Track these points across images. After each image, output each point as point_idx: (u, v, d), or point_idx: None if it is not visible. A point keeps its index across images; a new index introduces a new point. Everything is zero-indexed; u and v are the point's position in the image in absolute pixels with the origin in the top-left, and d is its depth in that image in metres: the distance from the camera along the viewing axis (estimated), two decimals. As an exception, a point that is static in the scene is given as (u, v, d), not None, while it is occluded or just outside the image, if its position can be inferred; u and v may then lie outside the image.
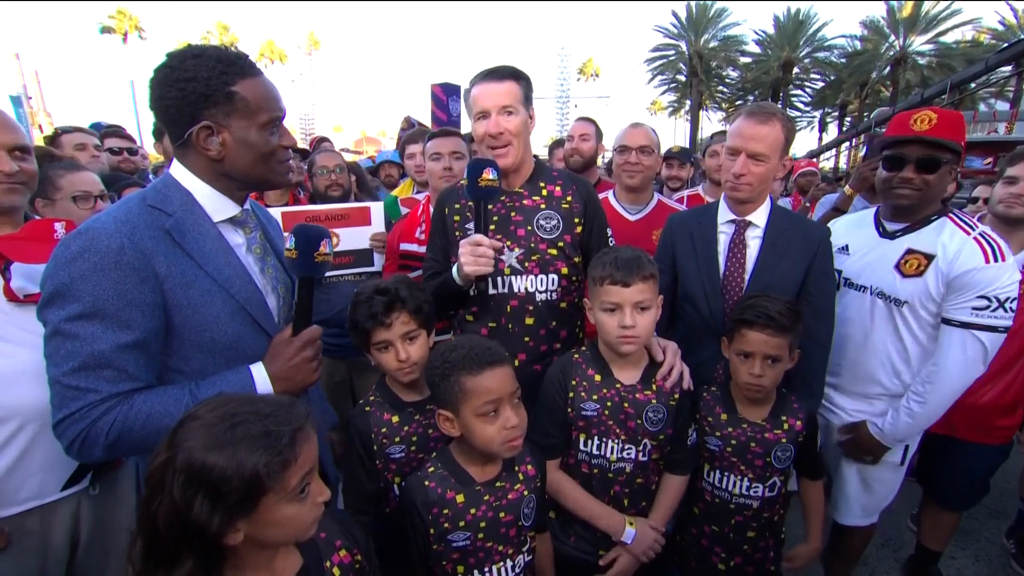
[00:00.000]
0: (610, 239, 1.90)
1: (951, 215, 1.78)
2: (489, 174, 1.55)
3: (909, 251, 1.77)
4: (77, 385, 1.01)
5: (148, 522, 0.76)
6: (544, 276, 1.74)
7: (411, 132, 3.55)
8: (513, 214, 1.76)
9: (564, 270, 1.76)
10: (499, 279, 1.74)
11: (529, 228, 1.74)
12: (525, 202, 1.77)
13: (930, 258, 1.72)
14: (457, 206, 1.80)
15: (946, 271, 1.68)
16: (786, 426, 1.60)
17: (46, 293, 1.03)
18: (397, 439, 1.46)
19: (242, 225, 1.28)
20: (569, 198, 1.79)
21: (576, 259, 1.79)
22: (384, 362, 1.46)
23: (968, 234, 1.71)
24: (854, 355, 1.89)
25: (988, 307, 1.64)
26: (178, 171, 1.19)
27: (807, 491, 1.74)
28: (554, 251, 1.74)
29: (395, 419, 1.47)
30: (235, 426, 0.79)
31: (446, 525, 1.26)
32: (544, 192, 1.79)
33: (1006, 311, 1.63)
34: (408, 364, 1.44)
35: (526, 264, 1.73)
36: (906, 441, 1.86)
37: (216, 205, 1.21)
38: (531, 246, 1.73)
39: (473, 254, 1.55)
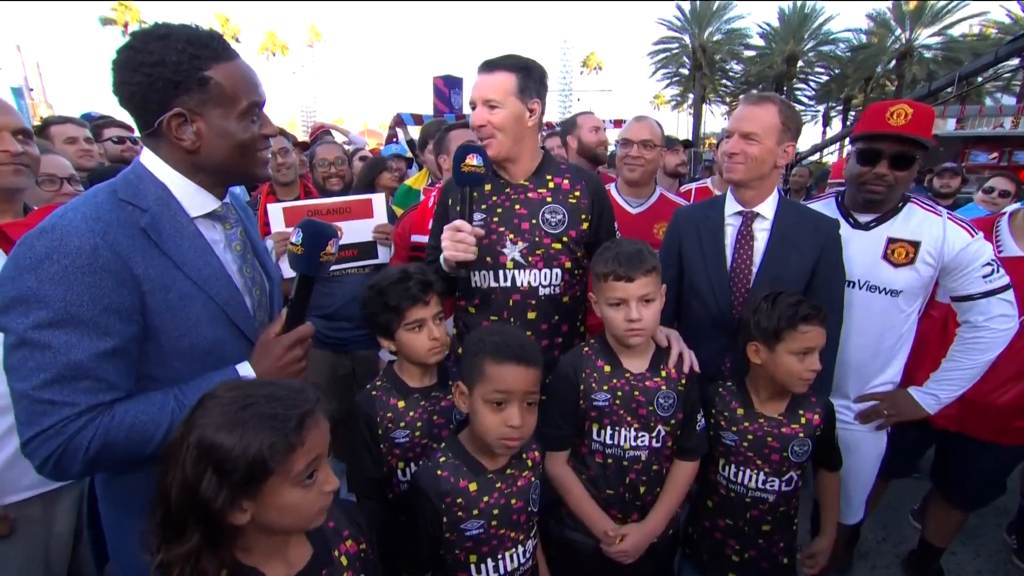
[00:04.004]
0: (616, 232, 1.90)
1: (914, 200, 1.86)
2: (473, 160, 1.55)
3: (892, 240, 1.82)
4: (51, 399, 0.92)
5: (162, 495, 0.79)
6: (548, 271, 1.73)
7: (428, 124, 3.57)
8: (518, 207, 1.74)
9: (567, 264, 1.75)
10: (501, 273, 1.73)
11: (534, 222, 1.72)
12: (530, 195, 1.75)
13: (915, 245, 1.78)
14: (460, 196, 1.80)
15: (938, 255, 1.76)
16: (803, 420, 1.60)
17: (5, 298, 0.92)
18: (402, 424, 1.47)
19: (222, 220, 1.19)
20: (577, 193, 1.77)
21: (579, 253, 1.78)
22: (414, 343, 1.46)
23: (940, 216, 1.80)
24: (841, 350, 1.87)
25: (993, 271, 1.76)
26: (150, 161, 1.08)
27: (824, 482, 1.74)
28: (558, 245, 1.73)
29: (401, 404, 1.48)
30: (246, 407, 0.80)
31: (460, 514, 1.26)
32: (551, 185, 1.77)
33: (1001, 271, 1.78)
34: (440, 343, 1.47)
35: (530, 258, 1.72)
36: (941, 404, 1.89)
37: (193, 199, 1.11)
38: (535, 240, 1.72)
39: (453, 239, 1.56)
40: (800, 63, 35.89)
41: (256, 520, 0.81)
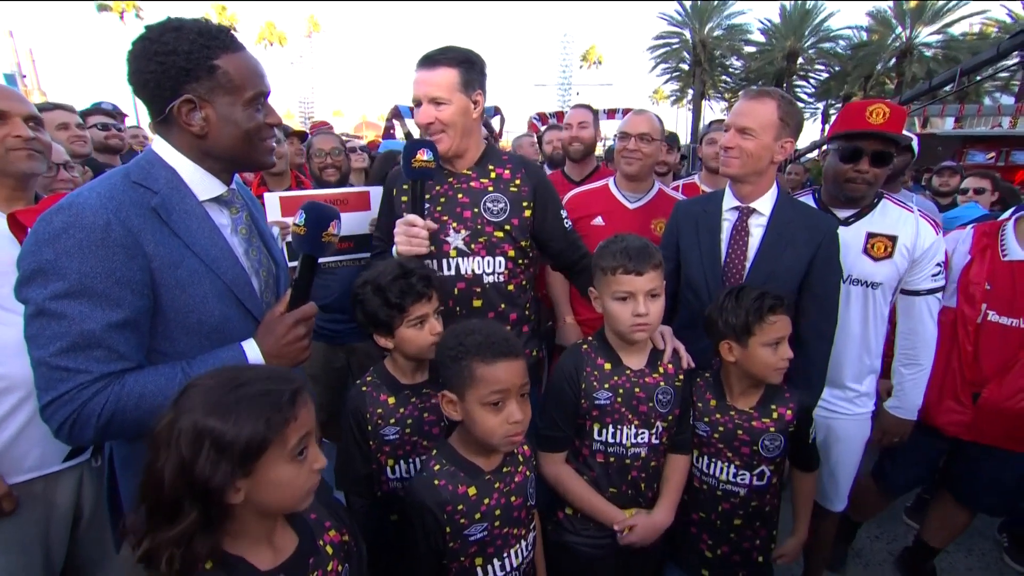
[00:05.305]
0: (565, 221, 1.91)
1: (887, 196, 1.94)
2: (423, 155, 1.56)
3: (871, 235, 1.88)
4: (66, 366, 0.98)
5: (153, 481, 0.78)
6: (491, 258, 1.75)
7: None
8: (460, 196, 1.76)
9: (511, 253, 1.77)
10: (445, 261, 1.74)
11: (476, 210, 1.74)
12: (472, 184, 1.77)
13: (893, 239, 1.86)
14: (405, 187, 1.78)
15: (911, 249, 1.85)
16: (775, 415, 1.60)
17: (26, 270, 0.99)
18: (392, 420, 1.45)
19: (228, 205, 1.25)
20: (518, 181, 1.79)
21: (523, 243, 1.80)
22: (416, 340, 1.44)
23: (912, 212, 1.89)
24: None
25: (940, 272, 1.90)
26: (161, 147, 1.15)
27: (798, 482, 1.75)
28: (500, 234, 1.75)
29: (391, 400, 1.47)
30: (237, 387, 0.82)
31: (462, 520, 1.24)
32: (493, 175, 1.79)
33: (943, 273, 1.93)
34: (440, 338, 1.44)
35: (472, 246, 1.73)
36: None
37: (202, 183, 1.17)
38: (477, 228, 1.73)
39: (407, 234, 1.58)
40: (800, 60, 35.77)
41: (250, 499, 0.83)
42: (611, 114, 9.34)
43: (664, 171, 3.69)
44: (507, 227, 1.75)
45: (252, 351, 1.15)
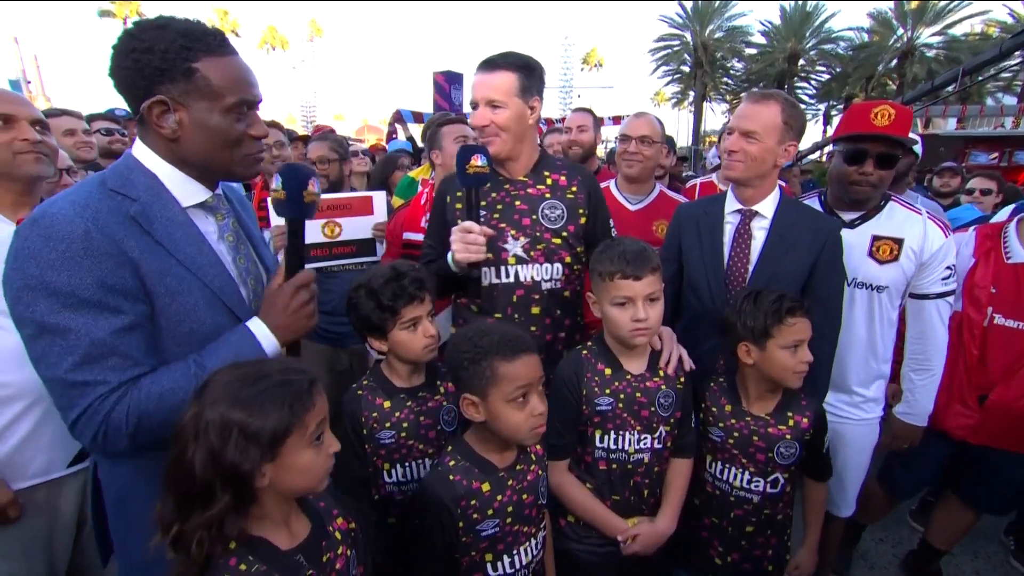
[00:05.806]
0: (612, 228, 1.91)
1: (895, 198, 1.92)
2: (477, 160, 1.55)
3: (876, 238, 1.86)
4: (84, 380, 0.95)
5: (182, 470, 0.82)
6: (549, 265, 1.75)
7: (431, 119, 3.55)
8: (518, 203, 1.75)
9: (567, 259, 1.77)
10: (504, 268, 1.73)
11: (534, 217, 1.73)
12: (530, 191, 1.76)
13: (899, 242, 1.83)
14: (459, 194, 1.79)
15: (919, 252, 1.82)
16: (791, 422, 1.59)
17: (14, 291, 0.95)
18: (388, 424, 1.45)
19: (213, 211, 1.19)
20: (575, 188, 1.79)
21: (579, 248, 1.80)
22: (410, 342, 1.44)
23: (920, 215, 1.86)
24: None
25: (951, 275, 1.87)
26: (141, 151, 1.10)
27: (810, 491, 1.73)
28: (558, 240, 1.75)
29: (387, 404, 1.47)
30: (257, 380, 0.87)
31: (475, 516, 1.26)
32: (549, 181, 1.78)
33: (955, 276, 1.89)
34: (434, 340, 1.45)
35: (531, 253, 1.73)
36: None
37: (184, 189, 1.12)
38: (536, 235, 1.73)
39: (464, 241, 1.56)
40: (801, 61, 35.82)
41: (273, 483, 0.88)
42: (616, 120, 9.44)
43: (660, 174, 3.69)
44: (564, 234, 1.75)
45: (259, 329, 1.11)
